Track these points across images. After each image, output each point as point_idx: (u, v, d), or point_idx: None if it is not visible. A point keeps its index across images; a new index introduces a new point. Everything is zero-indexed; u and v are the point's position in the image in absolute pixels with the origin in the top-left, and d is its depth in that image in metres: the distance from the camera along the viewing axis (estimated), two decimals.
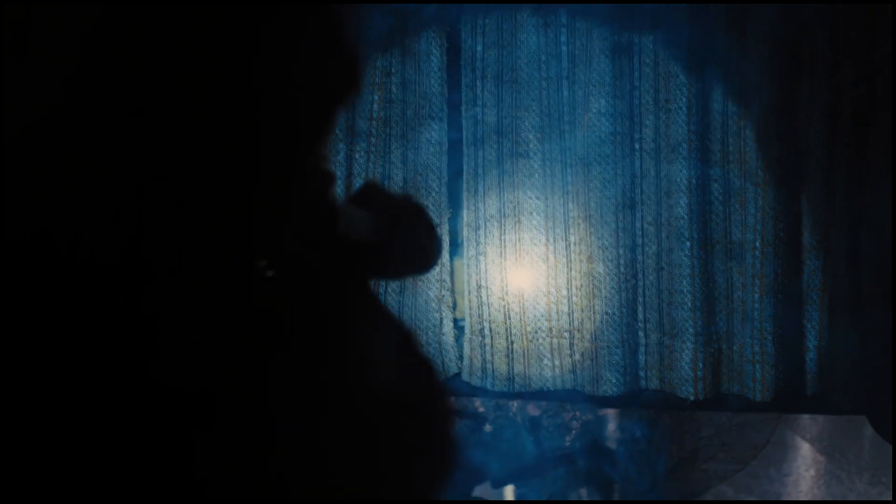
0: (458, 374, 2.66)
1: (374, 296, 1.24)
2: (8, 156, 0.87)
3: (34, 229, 0.86)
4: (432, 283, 2.62)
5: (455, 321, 2.68)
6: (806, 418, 2.80)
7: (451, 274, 2.67)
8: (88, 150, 0.86)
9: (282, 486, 0.90)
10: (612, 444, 2.92)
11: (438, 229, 2.57)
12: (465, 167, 2.56)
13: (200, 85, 0.88)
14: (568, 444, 2.93)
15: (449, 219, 2.69)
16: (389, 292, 2.63)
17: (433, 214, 2.60)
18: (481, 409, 2.94)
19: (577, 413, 2.92)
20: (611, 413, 2.90)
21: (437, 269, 2.62)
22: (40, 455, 0.83)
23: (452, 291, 2.67)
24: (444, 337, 2.65)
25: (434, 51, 2.60)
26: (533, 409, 2.94)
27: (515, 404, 2.94)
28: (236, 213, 0.91)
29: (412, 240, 1.39)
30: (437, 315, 2.64)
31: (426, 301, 2.63)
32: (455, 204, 2.70)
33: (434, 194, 2.60)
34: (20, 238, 0.86)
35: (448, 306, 2.65)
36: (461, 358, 2.65)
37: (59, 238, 0.86)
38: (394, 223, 1.33)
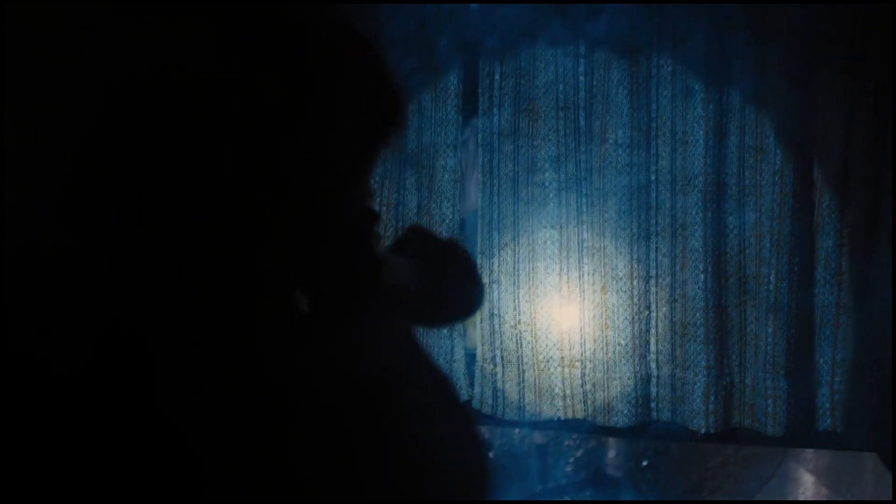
0: (469, 402, 2.65)
1: (416, 341, 1.22)
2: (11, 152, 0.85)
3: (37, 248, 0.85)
4: None
5: (465, 349, 2.66)
6: (811, 452, 2.81)
7: None
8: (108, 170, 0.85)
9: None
10: (617, 474, 2.92)
11: (481, 274, 2.55)
12: (480, 194, 2.56)
13: (240, 122, 0.87)
14: (573, 472, 2.92)
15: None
16: None
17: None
18: (486, 436, 2.93)
19: (583, 442, 2.91)
20: (618, 442, 2.90)
21: None
22: (35, 461, 0.81)
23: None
24: (454, 364, 2.64)
25: (451, 77, 2.59)
26: (539, 438, 2.93)
27: (519, 431, 2.93)
28: (271, 245, 0.91)
29: (458, 287, 1.38)
30: (448, 342, 2.63)
31: (437, 328, 2.62)
32: (469, 231, 2.70)
33: (448, 221, 2.59)
34: (21, 250, 0.85)
35: (459, 334, 2.64)
36: (472, 386, 2.64)
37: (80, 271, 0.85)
38: (440, 271, 1.32)
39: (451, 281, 1.31)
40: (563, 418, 2.56)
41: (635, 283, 2.49)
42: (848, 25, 2.35)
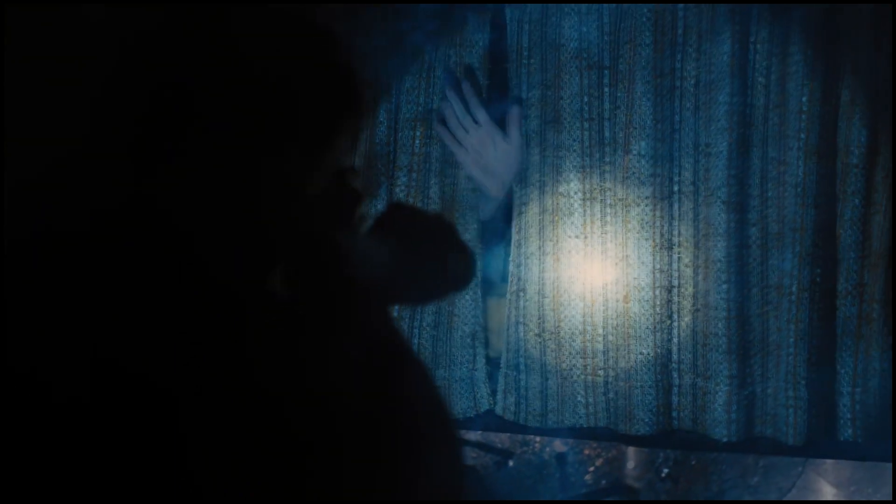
0: (490, 410, 2.67)
1: (391, 327, 1.24)
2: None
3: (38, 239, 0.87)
4: (467, 320, 2.64)
5: (489, 357, 2.69)
6: (832, 464, 2.82)
7: (485, 312, 2.69)
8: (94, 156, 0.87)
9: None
10: (637, 484, 2.93)
11: (472, 247, 2.57)
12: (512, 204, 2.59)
13: (205, 98, 0.89)
14: (593, 481, 2.93)
15: (484, 256, 2.72)
16: (424, 327, 2.65)
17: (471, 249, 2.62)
18: (507, 444, 2.95)
19: (604, 450, 2.92)
20: (638, 452, 2.91)
21: (472, 305, 2.64)
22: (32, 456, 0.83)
23: (485, 329, 2.69)
24: (476, 372, 2.66)
25: (476, 88, 2.63)
26: (559, 446, 2.94)
27: (540, 440, 2.94)
28: (245, 230, 0.92)
29: (447, 260, 1.40)
30: (470, 351, 2.66)
31: (461, 337, 2.65)
32: (496, 241, 2.73)
33: (471, 231, 2.62)
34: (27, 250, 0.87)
35: (481, 342, 2.67)
36: (493, 393, 2.67)
37: (63, 247, 0.86)
38: (428, 246, 1.34)
39: (439, 254, 1.33)
40: (585, 426, 2.58)
41: (658, 292, 2.51)
42: (872, 29, 2.38)
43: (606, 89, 2.54)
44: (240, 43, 0.91)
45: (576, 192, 2.54)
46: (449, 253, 1.46)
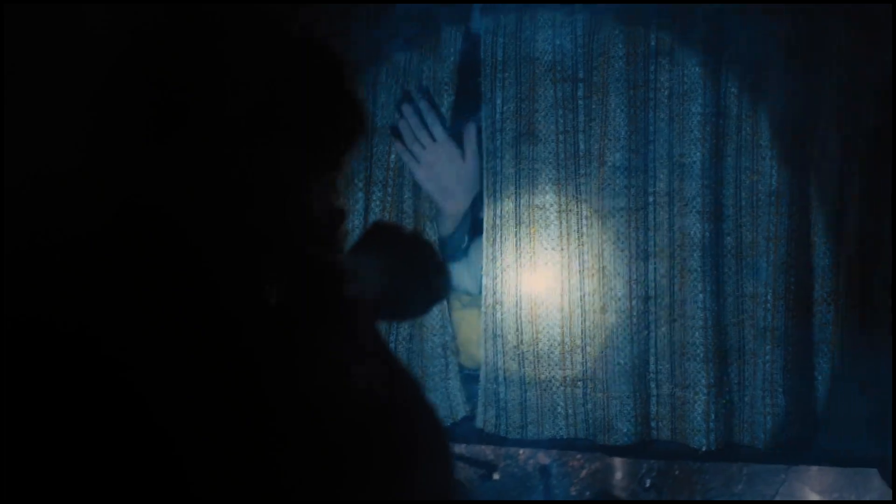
0: (466, 419, 2.68)
1: (381, 340, 1.25)
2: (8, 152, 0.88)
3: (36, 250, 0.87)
4: (437, 332, 2.65)
5: (465, 369, 2.70)
6: (815, 470, 2.82)
7: (452, 322, 2.70)
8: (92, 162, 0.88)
9: None
10: (622, 494, 2.93)
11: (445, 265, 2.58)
12: (484, 217, 2.60)
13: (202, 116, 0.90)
14: (577, 492, 2.94)
15: (455, 267, 2.72)
16: (400, 340, 2.66)
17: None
18: (491, 457, 2.95)
19: (588, 462, 2.93)
20: (622, 463, 2.91)
21: (440, 317, 2.64)
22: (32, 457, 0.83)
23: (454, 338, 2.69)
24: (449, 381, 2.67)
25: (446, 102, 2.64)
26: (543, 458, 2.95)
27: (524, 452, 2.95)
28: (237, 239, 0.93)
29: (420, 280, 1.41)
30: (442, 361, 2.67)
31: (433, 348, 2.66)
32: (457, 257, 2.74)
33: (435, 241, 2.63)
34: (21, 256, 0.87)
35: (452, 352, 2.67)
36: (473, 404, 2.67)
37: (59, 248, 0.87)
38: (402, 266, 1.35)
39: (417, 272, 1.35)
40: (565, 438, 2.59)
41: (634, 303, 2.52)
42: (846, 38, 2.40)
43: (581, 101, 2.56)
44: (236, 48, 0.91)
45: (551, 205, 2.56)
46: (429, 269, 1.47)
